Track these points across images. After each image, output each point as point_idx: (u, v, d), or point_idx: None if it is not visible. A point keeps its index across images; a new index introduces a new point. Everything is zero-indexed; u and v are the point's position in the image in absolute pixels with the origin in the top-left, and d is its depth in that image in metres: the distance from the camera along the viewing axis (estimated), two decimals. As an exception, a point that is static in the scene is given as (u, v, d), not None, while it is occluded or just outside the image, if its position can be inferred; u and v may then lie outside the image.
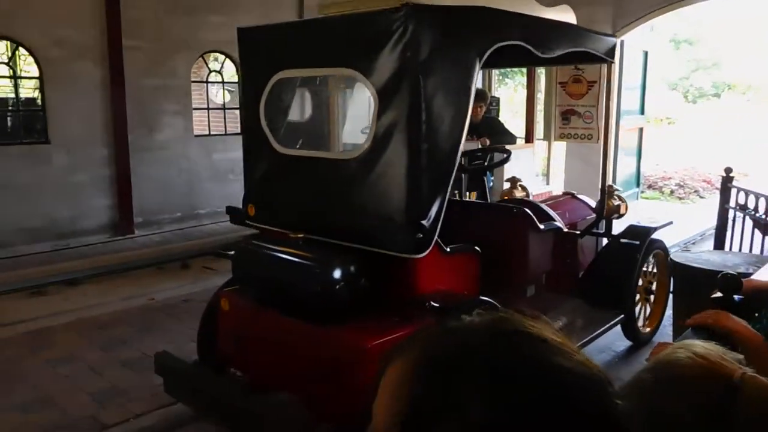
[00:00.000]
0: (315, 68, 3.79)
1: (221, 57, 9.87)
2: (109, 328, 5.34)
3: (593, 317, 4.34)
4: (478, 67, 3.09)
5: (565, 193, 5.44)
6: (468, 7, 3.10)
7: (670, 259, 4.48)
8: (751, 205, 5.39)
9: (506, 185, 5.50)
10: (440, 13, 3.02)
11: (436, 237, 3.03)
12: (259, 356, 3.42)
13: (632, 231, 4.64)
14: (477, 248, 3.41)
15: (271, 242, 3.48)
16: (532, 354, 0.67)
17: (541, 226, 4.09)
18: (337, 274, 2.99)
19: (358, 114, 5.45)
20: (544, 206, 4.48)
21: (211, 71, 9.91)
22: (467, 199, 5.63)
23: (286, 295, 3.32)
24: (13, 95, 8.25)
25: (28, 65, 8.22)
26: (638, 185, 10.19)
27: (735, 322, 1.62)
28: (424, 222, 2.97)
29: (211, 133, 9.99)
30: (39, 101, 8.14)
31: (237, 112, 10.14)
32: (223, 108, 10.18)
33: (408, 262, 3.04)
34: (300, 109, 5.08)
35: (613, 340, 4.80)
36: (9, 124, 8.19)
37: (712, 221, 6.29)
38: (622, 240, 4.61)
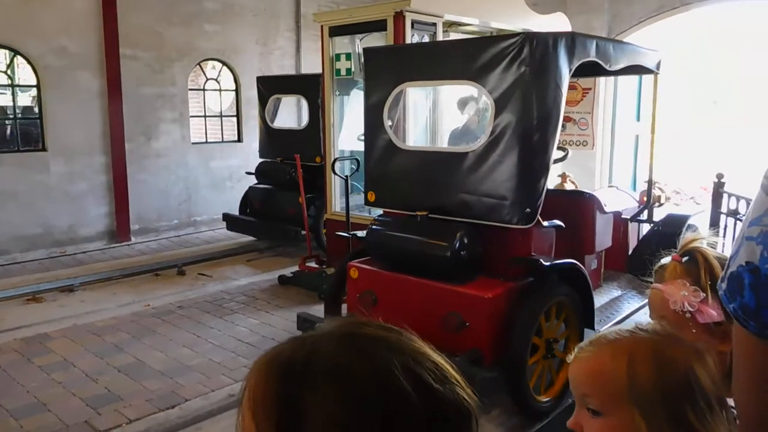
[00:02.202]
0: (436, 80, 4.67)
1: (218, 65, 9.92)
2: (105, 334, 5.35)
3: (643, 289, 5.14)
4: (568, 78, 3.82)
5: (609, 186, 6.36)
6: (564, 33, 4.07)
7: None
8: (742, 210, 5.41)
9: (557, 180, 6.46)
10: (546, 37, 3.79)
11: (539, 212, 3.77)
12: (389, 313, 3.94)
13: (671, 218, 5.43)
14: (563, 224, 4.10)
15: (398, 220, 4.31)
16: (373, 357, 0.72)
17: (606, 210, 4.93)
18: (461, 243, 3.84)
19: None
20: (598, 195, 5.17)
21: (208, 79, 9.95)
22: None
23: (415, 262, 4.05)
24: (10, 103, 8.28)
25: (26, 74, 8.25)
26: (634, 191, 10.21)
27: None
28: (531, 199, 3.75)
29: (208, 140, 10.03)
30: (36, 109, 8.17)
31: (234, 119, 10.18)
32: (221, 116, 10.21)
33: (514, 232, 3.86)
34: (417, 113, 5.92)
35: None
36: (6, 132, 8.21)
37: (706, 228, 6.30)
38: (663, 225, 5.31)
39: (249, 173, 8.65)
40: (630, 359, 1.10)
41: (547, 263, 3.87)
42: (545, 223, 3.93)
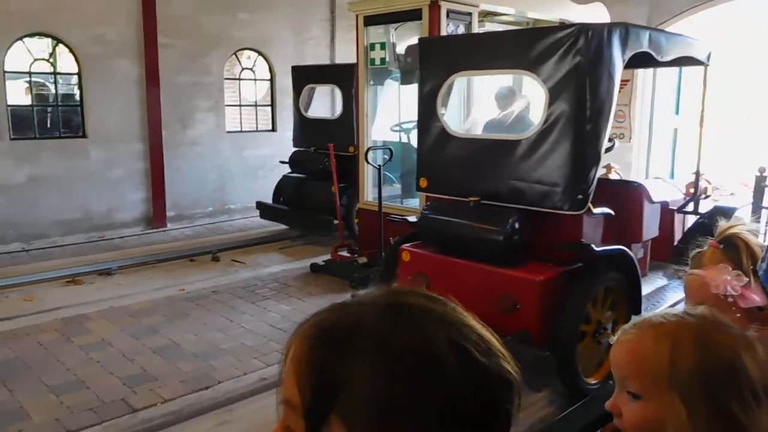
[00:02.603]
0: (489, 70, 4.72)
1: (254, 54, 10.00)
2: (140, 316, 5.47)
3: None
4: (621, 68, 3.88)
5: (656, 178, 6.40)
6: (618, 24, 4.06)
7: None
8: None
9: (602, 170, 6.48)
10: (601, 28, 3.87)
11: (590, 199, 3.85)
12: (441, 294, 4.17)
13: (718, 210, 5.34)
14: (612, 212, 4.21)
15: (450, 206, 4.41)
16: (417, 328, 0.70)
17: (654, 200, 5.02)
18: (513, 227, 3.96)
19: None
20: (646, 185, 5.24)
21: (243, 68, 10.05)
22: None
23: (468, 246, 4.15)
24: (52, 91, 8.49)
25: (67, 61, 8.44)
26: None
27: None
28: (583, 186, 3.83)
29: (243, 129, 10.13)
30: (77, 97, 8.36)
31: (269, 108, 10.26)
32: (255, 105, 10.30)
33: (564, 218, 3.95)
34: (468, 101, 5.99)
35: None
36: (48, 118, 8.43)
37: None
38: (710, 217, 5.24)
39: (283, 162, 8.71)
40: (673, 343, 1.07)
41: (599, 249, 3.94)
42: (595, 210, 4.00)
